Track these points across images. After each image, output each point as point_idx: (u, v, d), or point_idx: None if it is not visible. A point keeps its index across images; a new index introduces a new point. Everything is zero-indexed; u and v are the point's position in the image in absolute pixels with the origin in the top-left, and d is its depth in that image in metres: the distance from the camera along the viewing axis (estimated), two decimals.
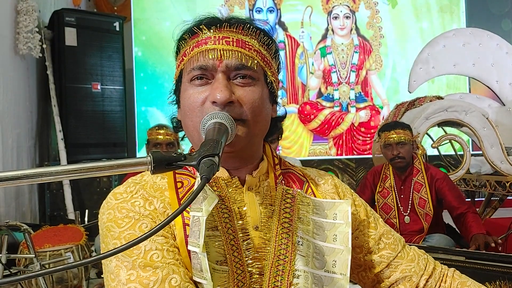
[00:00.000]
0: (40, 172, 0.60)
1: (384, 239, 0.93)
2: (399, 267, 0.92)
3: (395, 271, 0.92)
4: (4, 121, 3.70)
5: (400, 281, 0.92)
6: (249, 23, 0.82)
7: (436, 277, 0.94)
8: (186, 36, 0.83)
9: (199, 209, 0.71)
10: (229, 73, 0.79)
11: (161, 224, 0.56)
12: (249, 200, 0.82)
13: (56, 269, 0.53)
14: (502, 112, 4.10)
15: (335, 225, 0.82)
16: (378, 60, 6.16)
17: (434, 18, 6.21)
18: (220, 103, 0.76)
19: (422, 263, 0.94)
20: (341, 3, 6.16)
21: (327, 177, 0.95)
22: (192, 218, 0.73)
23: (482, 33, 4.16)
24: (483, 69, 4.12)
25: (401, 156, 2.73)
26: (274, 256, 0.78)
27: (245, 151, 0.82)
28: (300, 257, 0.77)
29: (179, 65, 0.84)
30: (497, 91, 4.17)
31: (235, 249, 0.76)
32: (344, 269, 0.78)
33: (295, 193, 0.85)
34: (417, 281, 0.92)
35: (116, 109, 4.91)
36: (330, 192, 0.91)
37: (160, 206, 0.79)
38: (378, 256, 0.92)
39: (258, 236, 0.80)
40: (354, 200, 0.94)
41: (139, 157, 0.65)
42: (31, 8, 4.01)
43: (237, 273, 0.75)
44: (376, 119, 6.07)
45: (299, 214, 0.82)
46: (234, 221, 0.79)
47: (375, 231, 0.93)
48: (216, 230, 0.77)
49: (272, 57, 0.85)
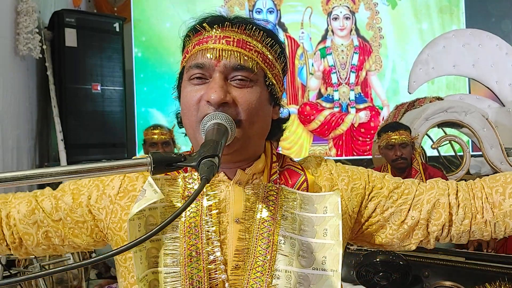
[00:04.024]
0: (40, 173, 0.60)
1: (396, 190, 0.89)
2: (424, 201, 0.88)
3: (422, 206, 0.88)
4: (4, 121, 3.70)
5: (432, 211, 0.87)
6: (252, 23, 0.82)
7: (464, 188, 0.89)
8: (191, 33, 0.83)
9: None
10: (227, 73, 0.79)
11: (160, 224, 0.56)
12: (235, 194, 0.82)
13: (56, 270, 0.53)
14: (501, 113, 4.10)
15: (325, 219, 0.80)
16: (378, 61, 6.16)
17: (434, 19, 6.21)
18: (214, 103, 0.76)
19: (442, 185, 0.90)
20: (341, 4, 6.16)
21: (322, 164, 0.92)
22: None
23: (482, 34, 4.17)
24: (482, 70, 4.12)
25: (404, 157, 2.74)
26: (254, 256, 0.77)
27: (241, 153, 0.82)
28: (282, 257, 0.76)
29: (182, 62, 0.85)
30: (496, 92, 4.17)
31: (194, 249, 0.76)
32: (335, 265, 0.76)
33: (278, 189, 0.83)
34: (446, 201, 0.87)
35: (116, 110, 4.90)
36: (325, 181, 0.88)
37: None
38: (396, 207, 0.88)
39: (238, 228, 0.79)
40: (350, 176, 0.90)
41: (139, 158, 0.66)
42: (31, 9, 4.01)
43: (192, 272, 0.75)
44: (376, 120, 6.07)
45: (282, 211, 0.80)
46: (202, 218, 0.79)
47: (382, 189, 0.89)
48: (176, 231, 0.77)
49: (276, 58, 0.85)
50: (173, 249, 0.75)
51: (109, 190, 0.86)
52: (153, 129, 2.99)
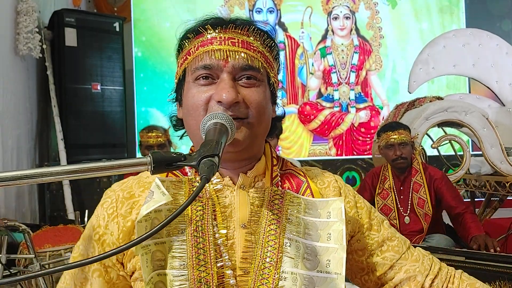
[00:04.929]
0: (40, 173, 0.60)
1: (388, 242, 0.92)
2: (403, 268, 0.91)
3: (399, 272, 0.91)
4: (4, 121, 3.70)
5: (404, 281, 0.90)
6: (253, 25, 0.83)
7: (442, 278, 0.91)
8: (190, 35, 0.83)
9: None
10: (235, 73, 0.80)
11: (160, 224, 0.56)
12: (240, 199, 0.81)
13: (56, 269, 0.53)
14: (502, 112, 4.10)
15: (328, 224, 0.81)
16: (378, 60, 6.16)
17: (434, 18, 6.21)
18: (226, 103, 0.77)
19: (427, 263, 0.92)
20: (341, 4, 6.16)
21: (330, 179, 0.93)
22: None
23: (482, 34, 4.16)
24: (483, 70, 4.12)
25: (404, 157, 2.73)
26: (260, 258, 0.77)
27: (247, 152, 0.82)
28: (288, 259, 0.76)
29: (182, 63, 0.84)
30: (497, 91, 4.17)
31: (202, 252, 0.75)
32: (339, 268, 0.77)
33: (283, 193, 0.84)
34: (422, 281, 0.90)
35: (116, 109, 4.90)
36: (331, 195, 0.89)
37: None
38: (381, 258, 0.91)
39: (244, 233, 0.79)
40: (356, 202, 0.93)
41: (139, 158, 0.66)
42: (31, 8, 4.01)
43: (201, 276, 0.74)
44: (376, 120, 6.07)
45: (287, 214, 0.81)
46: (208, 222, 0.78)
47: (378, 233, 0.92)
48: (182, 234, 0.76)
49: (273, 58, 0.86)
50: (180, 252, 0.75)
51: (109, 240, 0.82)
52: (148, 132, 3.00)
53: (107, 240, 0.81)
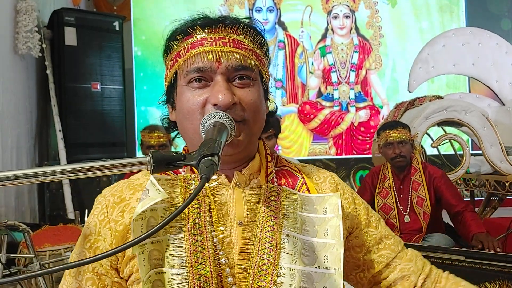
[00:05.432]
0: (39, 172, 0.60)
1: (385, 240, 0.93)
2: (398, 267, 0.92)
3: (394, 271, 0.91)
4: (4, 121, 3.70)
5: (398, 280, 0.91)
6: (242, 23, 0.81)
7: (432, 278, 0.93)
8: (179, 36, 0.81)
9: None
10: (228, 74, 0.79)
11: (160, 224, 0.56)
12: (236, 197, 0.81)
13: (56, 268, 0.53)
14: (501, 111, 4.10)
15: (325, 219, 0.81)
16: (377, 59, 6.16)
17: (433, 17, 6.21)
18: (223, 105, 0.76)
19: (419, 263, 0.94)
20: (341, 3, 6.15)
21: (326, 175, 0.93)
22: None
23: (482, 33, 4.16)
24: (482, 69, 4.12)
25: (403, 155, 2.73)
26: (258, 255, 0.77)
27: (244, 151, 0.82)
28: (286, 255, 0.76)
29: (172, 66, 0.83)
30: (496, 90, 4.17)
31: (200, 250, 0.75)
32: (337, 264, 0.77)
33: (280, 190, 0.83)
34: (415, 281, 0.91)
35: (116, 108, 4.90)
36: (328, 191, 0.89)
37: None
38: (377, 255, 0.91)
39: (241, 230, 0.79)
40: (354, 199, 0.93)
41: (138, 157, 0.66)
42: (30, 7, 4.01)
43: (200, 274, 0.74)
44: (376, 119, 6.07)
45: (284, 211, 0.80)
46: (206, 219, 0.78)
47: (376, 230, 0.92)
48: (180, 232, 0.76)
49: (264, 55, 0.85)
50: (178, 250, 0.75)
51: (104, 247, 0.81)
52: (149, 132, 3.01)
53: (100, 247, 0.80)
